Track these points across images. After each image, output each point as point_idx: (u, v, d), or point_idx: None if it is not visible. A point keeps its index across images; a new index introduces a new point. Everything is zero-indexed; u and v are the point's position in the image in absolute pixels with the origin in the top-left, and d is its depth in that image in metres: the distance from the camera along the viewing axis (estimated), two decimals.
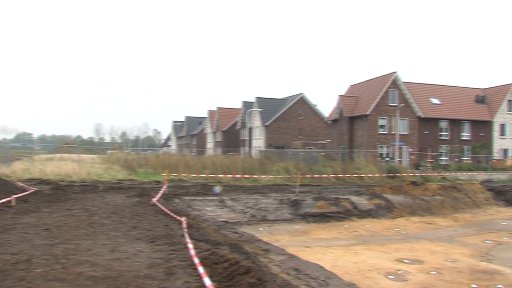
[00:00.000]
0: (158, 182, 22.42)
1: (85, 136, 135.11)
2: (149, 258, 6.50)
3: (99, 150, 65.96)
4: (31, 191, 16.07)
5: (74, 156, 35.68)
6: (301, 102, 64.38)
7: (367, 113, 46.62)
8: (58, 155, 42.83)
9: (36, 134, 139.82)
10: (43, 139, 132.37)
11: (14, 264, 5.86)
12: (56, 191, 17.01)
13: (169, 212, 11.39)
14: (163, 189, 17.21)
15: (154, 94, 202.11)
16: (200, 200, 16.23)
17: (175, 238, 7.99)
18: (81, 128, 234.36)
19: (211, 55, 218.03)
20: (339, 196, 17.67)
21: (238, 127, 73.75)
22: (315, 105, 65.32)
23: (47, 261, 6.12)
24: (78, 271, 5.64)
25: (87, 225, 9.36)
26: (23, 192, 15.15)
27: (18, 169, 25.14)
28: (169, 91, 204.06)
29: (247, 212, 14.35)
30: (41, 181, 21.18)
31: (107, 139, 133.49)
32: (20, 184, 18.38)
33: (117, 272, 5.68)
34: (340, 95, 51.64)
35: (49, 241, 7.54)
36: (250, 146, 61.57)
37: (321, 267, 8.06)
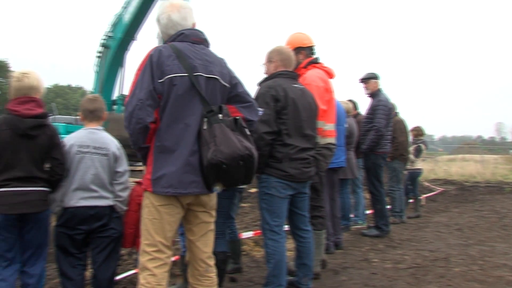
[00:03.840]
0: None
1: (486, 135, 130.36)
2: None
3: (501, 150, 62.68)
4: (438, 191, 16.31)
5: (477, 156, 34.83)
6: None
7: None
8: (460, 155, 42.59)
9: (437, 135, 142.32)
10: (443, 140, 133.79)
11: (433, 261, 5.91)
12: (462, 192, 16.81)
13: None
14: None
15: None
16: None
17: None
18: (481, 127, 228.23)
19: None
20: None
21: None
22: None
23: (464, 261, 5.96)
24: (497, 275, 5.30)
25: (499, 228, 8.81)
26: (430, 192, 15.51)
27: (423, 170, 26.05)
28: None
29: None
30: (445, 182, 21.35)
31: (510, 138, 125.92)
32: (426, 184, 18.92)
33: None
34: None
35: (463, 241, 7.38)
36: None
37: None
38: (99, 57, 12.27)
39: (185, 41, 3.11)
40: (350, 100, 8.11)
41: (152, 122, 2.92)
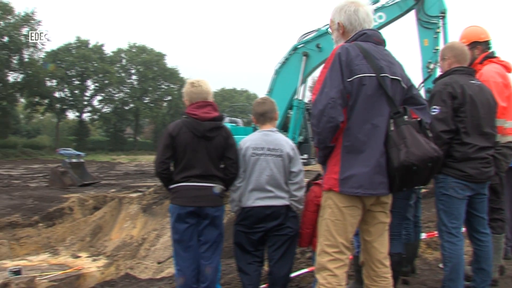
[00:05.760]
0: None
1: None
2: None
3: None
4: None
5: None
6: None
7: None
8: None
9: None
10: None
11: None
12: None
13: None
14: None
15: None
16: None
17: None
18: None
19: None
20: None
21: None
22: None
23: None
24: None
25: None
26: None
27: None
28: None
29: None
30: None
31: None
32: None
33: None
34: None
35: None
36: None
37: None
38: (284, 63, 12.51)
39: (368, 41, 3.13)
40: None
41: (341, 121, 2.96)
